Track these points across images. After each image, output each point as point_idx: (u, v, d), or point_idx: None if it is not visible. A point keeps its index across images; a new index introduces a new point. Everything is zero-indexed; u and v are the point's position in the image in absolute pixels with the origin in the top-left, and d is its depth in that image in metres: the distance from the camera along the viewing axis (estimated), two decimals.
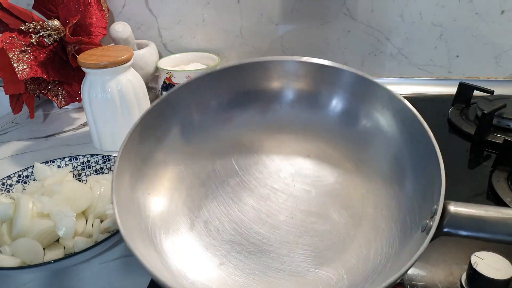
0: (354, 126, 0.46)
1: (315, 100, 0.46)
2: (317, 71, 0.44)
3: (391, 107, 0.42)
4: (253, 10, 0.82)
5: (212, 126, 0.47)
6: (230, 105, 0.47)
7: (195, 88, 0.45)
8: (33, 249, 0.42)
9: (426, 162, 0.39)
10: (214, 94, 0.46)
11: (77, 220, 0.44)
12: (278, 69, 0.45)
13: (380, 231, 0.41)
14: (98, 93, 0.60)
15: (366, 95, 0.44)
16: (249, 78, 0.46)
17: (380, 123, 0.44)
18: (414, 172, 0.41)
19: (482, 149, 0.61)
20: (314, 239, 0.42)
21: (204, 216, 0.44)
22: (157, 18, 0.86)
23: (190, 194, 0.46)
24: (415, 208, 0.39)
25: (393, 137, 0.43)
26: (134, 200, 0.40)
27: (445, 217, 0.34)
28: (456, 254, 0.42)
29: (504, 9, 0.75)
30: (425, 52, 0.81)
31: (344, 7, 0.79)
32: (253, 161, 0.48)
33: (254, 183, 0.47)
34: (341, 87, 0.45)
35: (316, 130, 0.47)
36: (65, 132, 0.73)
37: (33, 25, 0.67)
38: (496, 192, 0.50)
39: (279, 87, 0.46)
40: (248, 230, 0.43)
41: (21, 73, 0.63)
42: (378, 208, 0.43)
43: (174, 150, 0.46)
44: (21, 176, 0.53)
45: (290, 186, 0.47)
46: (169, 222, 0.43)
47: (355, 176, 0.46)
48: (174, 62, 0.81)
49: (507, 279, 0.35)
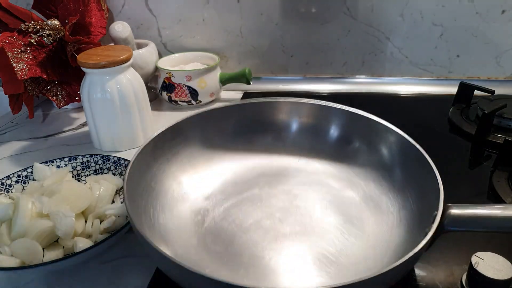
0: (347, 147, 0.53)
1: (316, 130, 0.55)
2: (316, 109, 0.54)
3: (383, 136, 0.49)
4: (253, 9, 0.82)
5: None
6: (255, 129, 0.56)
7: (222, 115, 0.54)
8: (32, 250, 0.42)
9: (420, 173, 0.42)
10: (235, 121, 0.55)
11: (77, 220, 0.44)
12: (285, 107, 0.55)
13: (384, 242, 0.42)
14: (98, 93, 0.60)
15: (357, 124, 0.51)
16: (263, 111, 0.56)
17: (371, 146, 0.50)
18: (411, 184, 0.44)
19: (483, 149, 0.61)
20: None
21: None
22: (157, 17, 0.86)
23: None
24: (416, 217, 0.41)
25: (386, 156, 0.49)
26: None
27: (445, 218, 0.36)
28: (456, 255, 0.42)
29: (505, 9, 0.75)
30: (425, 51, 0.81)
31: (345, 6, 0.79)
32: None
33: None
34: (336, 120, 0.54)
35: (318, 151, 0.54)
36: (64, 132, 0.73)
37: (32, 25, 0.67)
38: (497, 192, 0.50)
39: (287, 119, 0.56)
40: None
41: (20, 73, 0.63)
42: (379, 219, 0.45)
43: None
44: (21, 176, 0.53)
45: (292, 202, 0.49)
46: None
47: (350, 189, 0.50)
48: (174, 61, 0.81)
49: (508, 280, 0.35)
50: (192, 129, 0.52)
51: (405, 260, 0.31)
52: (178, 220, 0.45)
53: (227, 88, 0.82)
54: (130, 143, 0.65)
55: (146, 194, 0.44)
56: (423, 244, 0.32)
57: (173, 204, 0.46)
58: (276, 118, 0.55)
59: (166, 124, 0.49)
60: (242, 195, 0.50)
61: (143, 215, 0.41)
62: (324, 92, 0.84)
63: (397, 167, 0.47)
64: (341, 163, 0.53)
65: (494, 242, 0.43)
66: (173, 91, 0.77)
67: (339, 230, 0.44)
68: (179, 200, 0.48)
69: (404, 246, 0.39)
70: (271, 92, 0.84)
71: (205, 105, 0.79)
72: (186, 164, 0.51)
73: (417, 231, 0.39)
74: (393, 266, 0.30)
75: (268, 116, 0.55)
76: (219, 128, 0.54)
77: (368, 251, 0.41)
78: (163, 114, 0.77)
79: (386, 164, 0.48)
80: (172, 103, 0.79)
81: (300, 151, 0.55)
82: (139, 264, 0.43)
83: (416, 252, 0.32)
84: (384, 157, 0.49)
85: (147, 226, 0.40)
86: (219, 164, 0.54)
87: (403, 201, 0.44)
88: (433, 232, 0.34)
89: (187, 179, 0.50)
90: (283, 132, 0.56)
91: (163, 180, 0.47)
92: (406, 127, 0.68)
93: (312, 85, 0.86)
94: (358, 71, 0.85)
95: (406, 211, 0.43)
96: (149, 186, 0.45)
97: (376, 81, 0.85)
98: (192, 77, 0.75)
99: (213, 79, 0.78)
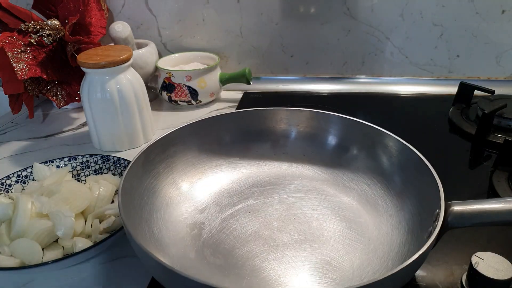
0: (345, 155, 0.53)
1: (312, 138, 0.55)
2: (312, 117, 0.55)
3: (379, 141, 0.49)
4: (253, 9, 0.82)
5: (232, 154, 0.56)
6: (247, 138, 0.56)
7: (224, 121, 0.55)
8: (32, 250, 0.42)
9: (417, 174, 0.43)
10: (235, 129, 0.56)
11: (76, 220, 0.44)
12: (282, 115, 0.55)
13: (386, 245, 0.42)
14: (98, 93, 0.60)
15: (353, 131, 0.52)
16: (260, 120, 0.56)
17: (368, 151, 0.51)
18: (408, 187, 0.45)
19: (483, 149, 0.61)
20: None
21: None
22: (156, 17, 0.86)
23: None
24: (415, 218, 0.41)
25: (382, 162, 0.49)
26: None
27: (448, 215, 0.36)
28: (456, 255, 0.42)
29: (505, 8, 0.75)
30: (425, 51, 0.81)
31: (345, 6, 0.79)
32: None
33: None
34: (332, 127, 0.54)
35: (312, 159, 0.55)
36: (64, 132, 0.73)
37: (32, 24, 0.67)
38: (497, 192, 0.50)
39: (285, 128, 0.56)
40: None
41: (20, 73, 0.63)
42: (378, 223, 0.45)
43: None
44: (20, 176, 0.53)
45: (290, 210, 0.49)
46: None
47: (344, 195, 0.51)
48: (173, 61, 0.81)
49: (508, 279, 0.35)
50: (184, 140, 0.52)
51: (414, 260, 0.31)
52: (174, 234, 0.44)
53: (227, 88, 0.82)
54: (130, 143, 0.65)
55: (139, 209, 0.43)
56: (430, 243, 0.32)
57: (167, 218, 0.46)
58: (271, 127, 0.56)
59: (157, 135, 0.49)
60: (238, 206, 0.49)
61: (139, 229, 0.40)
62: (324, 92, 0.84)
63: (393, 170, 0.47)
64: (335, 169, 0.53)
65: (494, 242, 0.43)
66: (173, 91, 0.77)
67: (339, 236, 0.44)
68: (173, 214, 0.47)
69: (406, 247, 0.39)
70: (271, 92, 0.84)
71: (205, 105, 0.79)
72: (178, 177, 0.51)
73: (418, 231, 0.39)
74: (402, 266, 0.30)
75: (264, 125, 0.56)
76: (212, 138, 0.54)
77: (371, 254, 0.41)
78: (163, 114, 0.77)
79: (381, 168, 0.48)
80: (172, 103, 0.79)
81: (294, 159, 0.55)
82: (138, 264, 0.43)
83: (424, 251, 0.32)
84: (378, 162, 0.49)
85: (142, 241, 0.39)
86: (212, 175, 0.53)
87: (401, 203, 0.44)
88: (439, 230, 0.34)
89: (180, 192, 0.50)
90: (280, 141, 0.56)
91: (156, 194, 0.47)
92: (406, 127, 0.68)
93: (312, 85, 0.86)
94: (358, 71, 0.85)
95: (405, 213, 0.43)
96: (142, 200, 0.44)
97: (376, 81, 0.85)
98: (192, 77, 0.75)
99: (213, 79, 0.78)
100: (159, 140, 0.49)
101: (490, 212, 0.36)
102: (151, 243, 0.41)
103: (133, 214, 0.40)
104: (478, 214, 0.36)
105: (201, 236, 0.45)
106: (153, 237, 0.42)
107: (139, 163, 0.45)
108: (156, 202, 0.46)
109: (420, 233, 0.38)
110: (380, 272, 0.38)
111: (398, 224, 0.43)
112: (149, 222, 0.43)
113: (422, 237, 0.37)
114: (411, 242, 0.39)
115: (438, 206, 0.36)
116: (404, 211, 0.43)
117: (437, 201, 0.36)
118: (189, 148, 0.52)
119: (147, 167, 0.47)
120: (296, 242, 0.43)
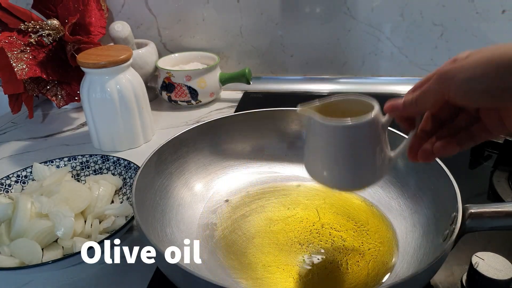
0: None
1: None
2: None
3: (392, 141, 0.48)
4: (253, 9, 0.82)
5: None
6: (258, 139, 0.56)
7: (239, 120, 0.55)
8: (31, 250, 0.42)
9: (432, 177, 0.42)
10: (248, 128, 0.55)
11: (76, 220, 0.44)
12: (294, 116, 0.55)
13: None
14: (97, 93, 0.60)
15: None
16: (272, 121, 0.55)
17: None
18: (422, 189, 0.44)
19: (483, 149, 0.61)
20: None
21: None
22: (156, 17, 0.86)
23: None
24: (430, 221, 0.40)
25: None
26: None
27: (466, 218, 0.35)
28: (457, 255, 0.41)
29: (505, 8, 0.75)
30: (425, 51, 0.81)
31: (345, 6, 0.79)
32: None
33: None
34: None
35: None
36: (64, 132, 0.73)
37: (32, 24, 0.67)
38: (497, 192, 0.50)
39: (297, 129, 0.55)
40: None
41: (20, 73, 0.63)
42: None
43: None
44: (20, 176, 0.53)
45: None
46: None
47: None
48: (173, 61, 0.81)
49: (508, 279, 0.35)
50: (195, 140, 0.52)
51: (434, 263, 0.31)
52: (187, 235, 0.44)
53: (227, 88, 0.82)
54: (130, 143, 0.65)
55: (152, 209, 0.43)
56: (448, 245, 0.32)
57: (180, 219, 0.46)
58: (283, 128, 0.55)
59: (167, 136, 0.49)
60: (250, 206, 0.49)
61: (151, 229, 0.40)
62: (324, 92, 0.84)
63: (407, 173, 0.46)
64: None
65: (494, 242, 0.43)
66: (173, 91, 0.77)
67: (350, 238, 0.44)
68: (186, 214, 0.47)
69: (422, 251, 0.39)
70: (271, 92, 0.84)
71: (205, 105, 0.79)
72: (190, 177, 0.51)
73: (433, 234, 0.39)
74: (423, 269, 0.30)
75: (276, 125, 0.55)
76: (223, 139, 0.54)
77: (386, 257, 0.41)
78: (163, 114, 0.77)
79: (395, 169, 0.47)
80: (172, 103, 0.79)
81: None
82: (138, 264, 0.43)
83: (443, 254, 0.32)
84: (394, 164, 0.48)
85: (157, 242, 0.39)
86: (223, 176, 0.53)
87: (415, 205, 0.44)
88: (457, 233, 0.33)
89: (192, 193, 0.50)
90: (292, 142, 0.55)
91: (168, 194, 0.47)
92: None
93: (312, 85, 0.86)
94: (358, 71, 0.85)
95: (419, 216, 0.43)
96: (154, 201, 0.44)
97: (376, 81, 0.84)
98: (192, 77, 0.75)
99: (213, 79, 0.78)
100: (171, 140, 0.49)
101: (508, 215, 0.35)
102: (165, 243, 0.41)
103: (146, 215, 0.40)
104: (496, 217, 0.35)
105: (214, 237, 0.45)
106: (166, 238, 0.42)
107: (152, 163, 0.45)
108: (169, 203, 0.46)
109: (436, 236, 0.38)
110: (399, 275, 0.38)
111: (413, 227, 0.42)
112: (162, 222, 0.43)
113: (437, 241, 0.37)
114: (426, 246, 0.39)
115: (454, 209, 0.36)
116: (419, 214, 0.43)
117: (453, 204, 0.36)
118: (200, 149, 0.52)
119: (160, 167, 0.47)
120: (308, 243, 0.43)
